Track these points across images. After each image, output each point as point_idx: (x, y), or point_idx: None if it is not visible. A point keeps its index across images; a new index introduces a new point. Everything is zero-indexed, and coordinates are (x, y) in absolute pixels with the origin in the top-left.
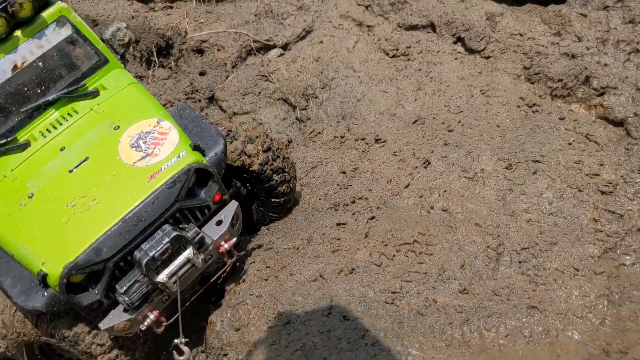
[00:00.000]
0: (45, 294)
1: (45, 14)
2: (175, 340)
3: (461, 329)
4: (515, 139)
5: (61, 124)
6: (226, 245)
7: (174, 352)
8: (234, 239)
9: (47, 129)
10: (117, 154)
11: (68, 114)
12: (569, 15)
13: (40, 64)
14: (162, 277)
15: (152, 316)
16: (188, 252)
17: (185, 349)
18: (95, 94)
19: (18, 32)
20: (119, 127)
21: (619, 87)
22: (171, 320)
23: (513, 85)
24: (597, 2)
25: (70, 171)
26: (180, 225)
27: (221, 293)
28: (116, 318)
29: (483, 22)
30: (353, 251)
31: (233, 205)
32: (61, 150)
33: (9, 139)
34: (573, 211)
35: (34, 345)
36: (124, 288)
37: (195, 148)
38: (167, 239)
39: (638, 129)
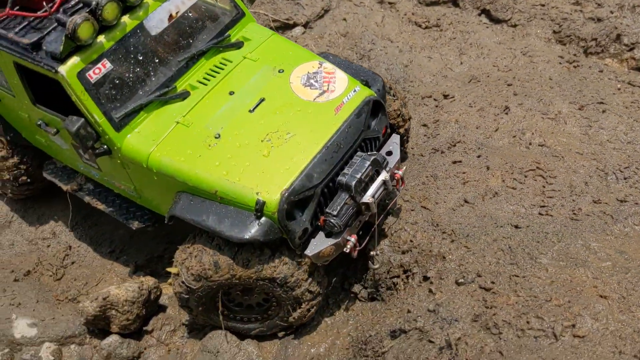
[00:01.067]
0: (261, 222)
1: None
2: (372, 252)
3: (616, 226)
4: (572, 88)
5: (217, 73)
6: (400, 173)
7: (369, 261)
8: (404, 168)
9: (204, 78)
10: (293, 93)
11: (221, 63)
12: None
13: (190, 14)
14: (367, 197)
15: (352, 239)
16: (384, 175)
17: (378, 259)
18: (240, 44)
19: None
20: (283, 70)
21: None
22: (363, 244)
23: (547, 47)
24: None
25: (251, 111)
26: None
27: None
28: (320, 244)
29: None
30: (483, 180)
31: (396, 137)
32: (230, 94)
33: (169, 88)
34: None
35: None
36: (336, 210)
37: (365, 83)
38: (367, 162)
39: None
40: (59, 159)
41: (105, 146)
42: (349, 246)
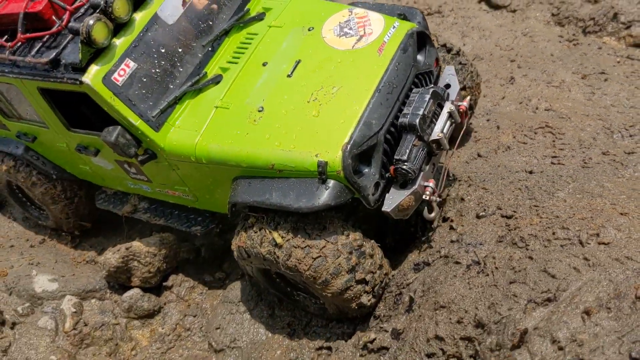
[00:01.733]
0: (328, 186)
1: None
2: (432, 197)
3: (626, 170)
4: (573, 62)
5: (246, 48)
6: (464, 104)
7: (425, 209)
8: (468, 98)
9: (233, 57)
10: (329, 47)
11: (247, 38)
12: None
13: None
14: (436, 133)
15: (430, 184)
16: (448, 106)
17: (437, 208)
18: (261, 16)
19: None
20: (312, 27)
21: None
22: (441, 187)
23: (547, 28)
24: None
25: (289, 76)
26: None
27: None
28: (397, 197)
29: None
30: (494, 138)
31: (451, 69)
32: (264, 65)
33: (200, 75)
34: None
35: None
36: (405, 155)
37: (403, 17)
38: (427, 96)
39: None
40: (107, 184)
41: (149, 150)
42: (427, 192)
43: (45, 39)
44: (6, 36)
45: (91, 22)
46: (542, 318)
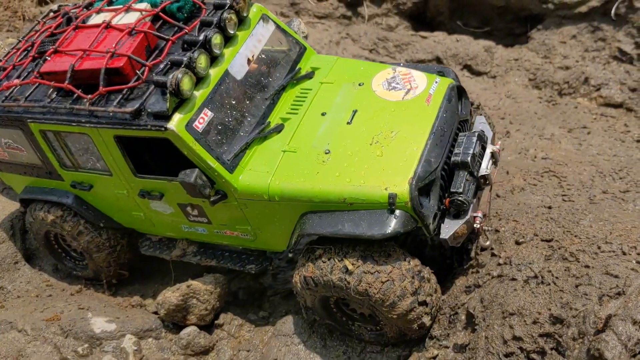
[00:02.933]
0: (397, 215)
1: (251, 14)
2: (484, 226)
3: (628, 205)
4: (556, 118)
5: (303, 101)
6: (497, 147)
7: (480, 238)
8: (499, 142)
9: (291, 108)
10: (381, 98)
11: (301, 93)
12: (551, 42)
13: (263, 56)
14: (484, 170)
15: (479, 215)
16: (492, 147)
17: (490, 235)
18: (311, 74)
19: (238, 32)
20: (362, 83)
21: (609, 83)
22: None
23: (526, 91)
24: (565, 30)
25: (349, 123)
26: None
27: None
28: (452, 226)
29: (483, 52)
30: (507, 181)
31: (482, 118)
32: (323, 115)
33: (265, 124)
34: (627, 152)
35: (330, 300)
36: (460, 188)
37: (441, 74)
38: (474, 138)
39: (636, 104)
40: (155, 231)
41: (220, 191)
42: (477, 222)
43: (124, 92)
44: (80, 89)
45: (180, 75)
46: (619, 307)
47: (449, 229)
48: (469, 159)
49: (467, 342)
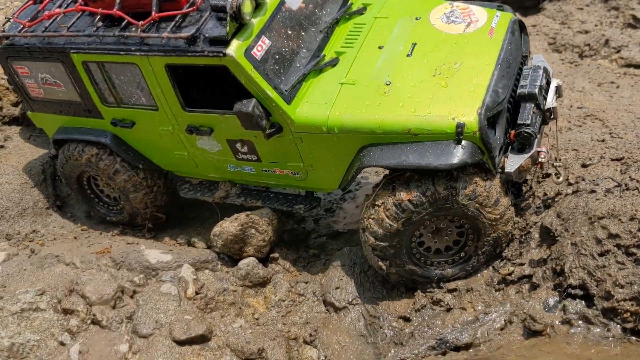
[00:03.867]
0: (464, 146)
1: None
2: (556, 163)
3: None
4: (582, 77)
5: (357, 35)
6: (560, 82)
7: (553, 175)
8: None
9: (346, 43)
10: (440, 32)
11: (355, 27)
12: (568, 9)
13: None
14: (550, 103)
15: (544, 150)
16: (557, 81)
17: (561, 170)
18: (362, 10)
19: None
20: (419, 17)
21: (629, 45)
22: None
23: (547, 54)
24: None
25: (409, 55)
26: None
27: None
28: (516, 160)
29: None
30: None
31: (540, 56)
32: (380, 48)
33: (319, 57)
34: None
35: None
36: (528, 120)
37: (501, 9)
38: (541, 71)
39: None
40: (196, 172)
41: (276, 124)
42: (542, 157)
43: (178, 18)
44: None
45: None
46: None
47: (514, 162)
48: (536, 90)
49: (545, 256)
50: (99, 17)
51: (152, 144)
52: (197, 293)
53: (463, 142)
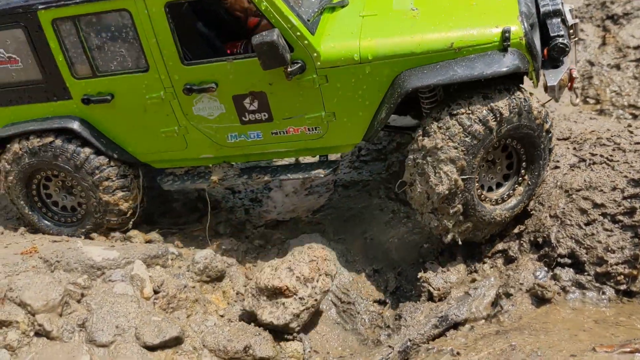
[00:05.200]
0: (512, 52)
1: None
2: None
3: None
4: None
5: None
6: (571, 5)
7: (571, 96)
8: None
9: None
10: None
11: None
12: None
13: None
14: (571, 20)
15: (575, 67)
16: (568, 6)
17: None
18: None
19: None
20: None
21: None
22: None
23: None
24: None
25: None
26: None
27: None
28: (555, 74)
29: None
30: None
31: None
32: None
33: None
34: None
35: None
36: (561, 31)
37: None
38: None
39: None
40: (184, 155)
41: (299, 61)
42: (575, 73)
43: None
44: None
45: None
46: None
47: (554, 76)
48: (559, 6)
49: (518, 230)
50: None
51: (133, 124)
52: (155, 292)
53: (509, 49)
